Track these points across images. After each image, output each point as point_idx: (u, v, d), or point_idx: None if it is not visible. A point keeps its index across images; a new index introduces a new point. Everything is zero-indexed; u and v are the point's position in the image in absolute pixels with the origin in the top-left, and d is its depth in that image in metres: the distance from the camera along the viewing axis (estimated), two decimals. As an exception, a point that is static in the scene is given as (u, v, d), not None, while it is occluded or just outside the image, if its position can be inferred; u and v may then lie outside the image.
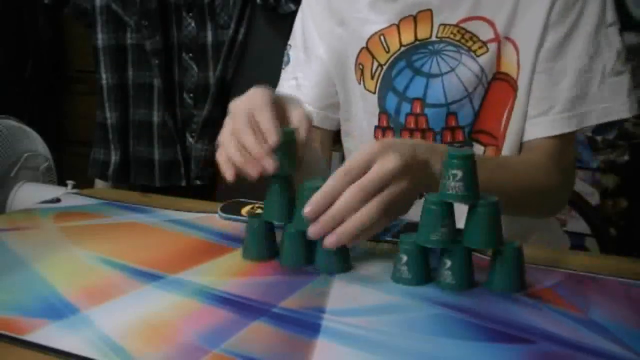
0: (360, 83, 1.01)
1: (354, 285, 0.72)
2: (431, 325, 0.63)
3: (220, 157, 0.76)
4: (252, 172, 0.74)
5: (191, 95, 1.69)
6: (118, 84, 1.73)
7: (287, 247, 0.78)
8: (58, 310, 0.65)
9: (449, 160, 0.69)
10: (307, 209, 0.71)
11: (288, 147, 0.76)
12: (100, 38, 1.72)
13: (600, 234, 1.27)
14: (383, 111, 0.99)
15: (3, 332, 0.61)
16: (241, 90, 0.78)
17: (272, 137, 0.73)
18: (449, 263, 0.71)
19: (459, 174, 0.69)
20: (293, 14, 1.48)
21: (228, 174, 0.75)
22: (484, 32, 0.93)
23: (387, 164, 0.71)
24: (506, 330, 0.62)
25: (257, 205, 0.97)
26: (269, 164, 0.73)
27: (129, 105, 1.74)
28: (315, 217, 0.71)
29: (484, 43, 0.93)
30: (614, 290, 0.72)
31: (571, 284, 0.73)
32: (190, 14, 1.66)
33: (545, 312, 0.66)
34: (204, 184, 1.72)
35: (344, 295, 0.70)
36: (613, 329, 0.62)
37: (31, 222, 0.94)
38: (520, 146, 0.95)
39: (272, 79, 1.54)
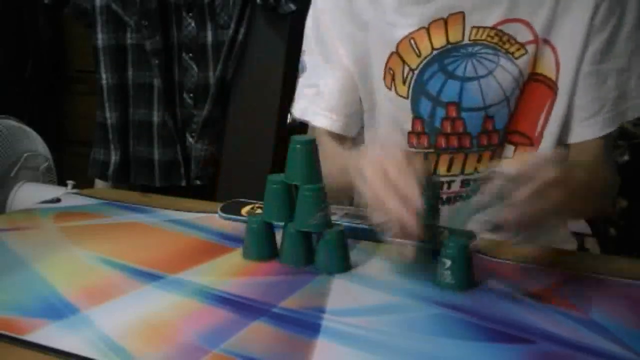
0: (391, 89, 0.98)
1: (354, 285, 0.72)
2: (431, 325, 0.63)
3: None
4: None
5: (191, 95, 1.69)
6: (118, 84, 1.73)
7: (287, 247, 0.78)
8: (58, 310, 0.65)
9: None
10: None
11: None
12: (100, 38, 1.72)
13: (600, 234, 1.27)
14: (417, 116, 0.97)
15: (3, 332, 0.61)
16: (241, 90, 0.77)
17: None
18: (448, 263, 0.71)
19: None
20: (293, 14, 1.49)
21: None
22: (522, 34, 0.92)
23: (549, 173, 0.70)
24: (506, 330, 0.62)
25: (257, 205, 0.97)
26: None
27: (129, 105, 1.74)
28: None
29: (522, 45, 0.92)
30: (614, 290, 0.72)
31: (571, 284, 0.73)
32: (190, 14, 1.66)
33: (545, 312, 0.66)
34: (204, 184, 1.72)
35: (344, 295, 0.70)
36: (613, 329, 0.62)
37: (31, 222, 0.94)
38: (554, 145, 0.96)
39: (272, 79, 1.55)
